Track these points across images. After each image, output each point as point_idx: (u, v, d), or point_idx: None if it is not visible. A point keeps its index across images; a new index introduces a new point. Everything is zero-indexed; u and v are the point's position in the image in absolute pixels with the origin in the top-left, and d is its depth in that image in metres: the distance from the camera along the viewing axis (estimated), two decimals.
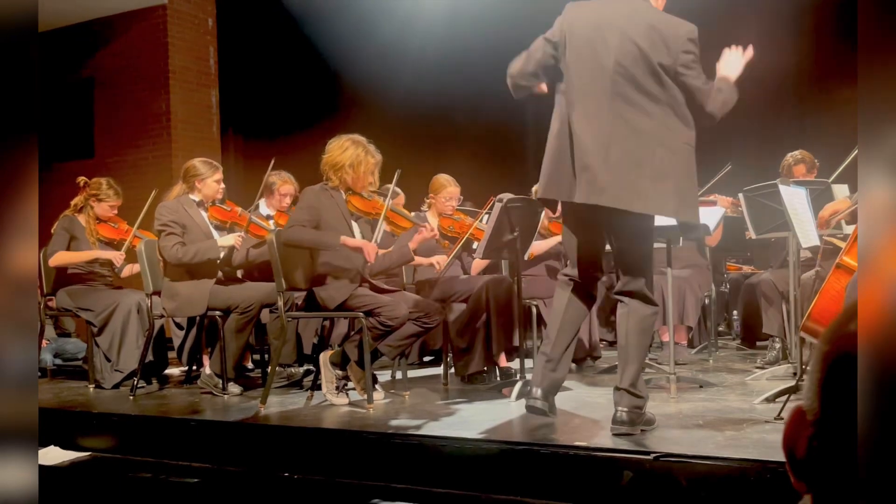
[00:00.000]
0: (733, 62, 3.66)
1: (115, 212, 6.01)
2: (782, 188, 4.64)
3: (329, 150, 4.73)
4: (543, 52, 3.66)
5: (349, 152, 4.66)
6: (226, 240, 5.33)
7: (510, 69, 3.74)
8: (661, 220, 4.58)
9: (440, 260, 5.38)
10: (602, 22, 3.56)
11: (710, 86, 3.52)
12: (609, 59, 3.48)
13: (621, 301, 3.63)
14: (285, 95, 10.02)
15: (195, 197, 5.45)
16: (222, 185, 5.53)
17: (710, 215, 4.75)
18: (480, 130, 9.09)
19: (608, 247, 3.78)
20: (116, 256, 5.82)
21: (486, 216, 5.57)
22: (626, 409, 3.56)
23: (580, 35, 3.58)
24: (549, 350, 3.77)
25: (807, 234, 4.59)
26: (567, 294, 3.78)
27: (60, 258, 5.78)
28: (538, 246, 5.76)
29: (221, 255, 5.31)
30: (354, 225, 4.81)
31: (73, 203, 5.96)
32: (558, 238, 5.81)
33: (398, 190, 6.16)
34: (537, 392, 3.73)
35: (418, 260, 5.38)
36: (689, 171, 3.48)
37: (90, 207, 5.94)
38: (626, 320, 3.61)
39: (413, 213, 5.37)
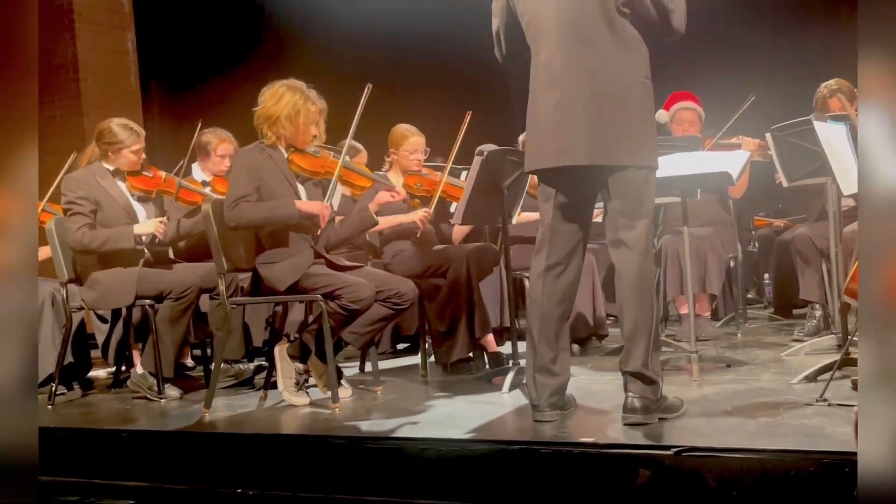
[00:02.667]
0: None
1: (143, 156, 5.53)
2: (817, 125, 4.62)
3: (262, 100, 4.70)
4: (505, 30, 3.92)
5: (285, 101, 4.64)
6: (144, 226, 5.23)
7: (499, 59, 4.03)
8: (673, 171, 4.66)
9: (422, 217, 5.35)
10: None
11: None
12: (563, 8, 3.68)
13: (614, 254, 3.71)
14: (214, 37, 9.87)
15: (109, 165, 5.38)
16: (143, 156, 5.43)
17: (734, 161, 4.69)
18: (449, 72, 9.02)
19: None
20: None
21: (464, 172, 5.56)
22: (637, 395, 3.60)
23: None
24: (534, 356, 3.82)
25: (849, 178, 4.54)
26: (539, 281, 3.82)
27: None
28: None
29: (138, 245, 5.21)
30: (301, 189, 4.77)
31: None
32: None
33: (358, 146, 6.17)
34: (542, 405, 3.79)
35: (398, 219, 5.36)
36: (651, 107, 3.74)
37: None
38: (619, 280, 3.66)
39: (376, 173, 5.33)
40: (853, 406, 3.45)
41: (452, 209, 5.71)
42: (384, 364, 6.00)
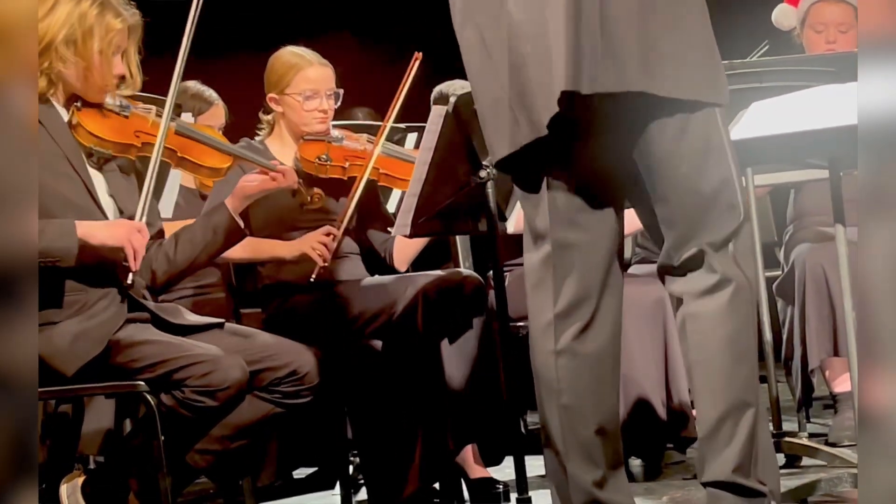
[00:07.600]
0: None
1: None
2: None
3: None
4: None
5: (62, 12, 3.46)
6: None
7: None
8: (812, 121, 3.43)
9: (325, 238, 3.79)
10: None
11: None
12: None
13: (678, 294, 2.80)
14: None
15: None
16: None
17: None
18: None
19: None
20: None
21: (412, 137, 4.34)
22: None
23: None
24: (562, 483, 2.81)
25: None
26: (548, 342, 2.81)
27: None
28: None
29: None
30: (97, 177, 3.44)
31: None
32: None
33: (209, 93, 4.88)
34: None
35: (269, 249, 3.94)
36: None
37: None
38: (690, 334, 2.78)
39: (242, 142, 3.94)
40: None
41: (392, 205, 4.31)
42: None
